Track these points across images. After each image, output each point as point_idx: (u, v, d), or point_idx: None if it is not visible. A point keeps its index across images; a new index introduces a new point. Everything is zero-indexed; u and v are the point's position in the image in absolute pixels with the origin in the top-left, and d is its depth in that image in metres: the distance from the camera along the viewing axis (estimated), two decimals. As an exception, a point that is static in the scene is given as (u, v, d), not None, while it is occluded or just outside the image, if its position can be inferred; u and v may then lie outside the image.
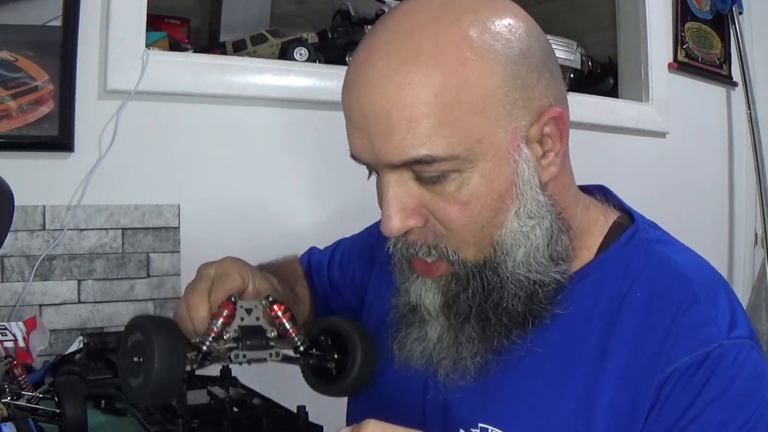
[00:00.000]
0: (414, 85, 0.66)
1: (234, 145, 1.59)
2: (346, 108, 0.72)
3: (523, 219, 0.71)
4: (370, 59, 0.69)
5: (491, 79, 0.67)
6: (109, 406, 1.01)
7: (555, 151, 0.73)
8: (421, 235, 0.72)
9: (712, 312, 0.70)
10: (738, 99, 2.39)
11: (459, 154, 0.67)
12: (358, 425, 0.59)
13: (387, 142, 0.68)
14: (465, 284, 0.73)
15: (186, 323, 0.77)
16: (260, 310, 0.76)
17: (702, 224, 2.26)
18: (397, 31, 0.69)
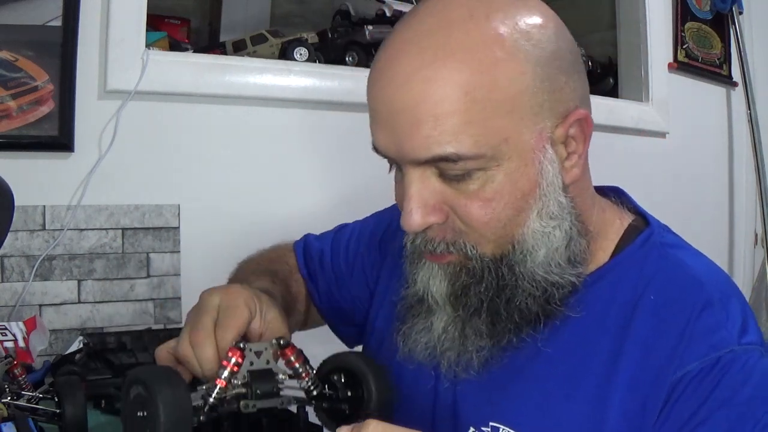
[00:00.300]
0: (444, 81, 0.66)
1: (234, 145, 1.59)
2: (372, 100, 0.71)
3: (544, 220, 0.71)
4: (400, 53, 0.68)
5: (521, 79, 0.67)
6: (109, 406, 1.01)
7: (578, 153, 0.73)
8: (441, 231, 0.72)
9: (725, 317, 0.71)
10: (738, 99, 2.39)
11: (485, 152, 0.67)
12: (359, 425, 0.59)
13: (413, 137, 0.67)
14: (479, 277, 0.72)
15: (191, 362, 0.73)
16: (270, 352, 0.73)
17: (702, 224, 2.26)
18: (429, 26, 0.68)
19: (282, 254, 1.05)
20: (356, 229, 1.04)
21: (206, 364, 0.72)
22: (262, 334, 0.77)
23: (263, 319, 0.77)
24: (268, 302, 0.79)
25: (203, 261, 1.53)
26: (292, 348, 0.73)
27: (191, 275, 1.53)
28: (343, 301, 1.01)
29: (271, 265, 1.01)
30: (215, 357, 0.71)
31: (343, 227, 1.07)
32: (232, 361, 0.70)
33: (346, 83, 1.66)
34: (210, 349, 0.72)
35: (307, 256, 1.04)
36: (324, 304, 1.02)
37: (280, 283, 0.96)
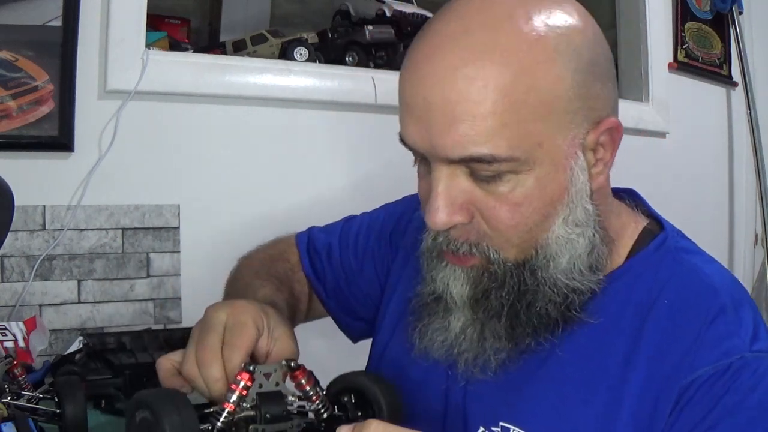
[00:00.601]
0: (485, 82, 0.65)
1: (234, 145, 1.59)
2: (406, 94, 0.70)
3: (570, 226, 0.71)
4: (440, 49, 0.67)
5: (559, 85, 0.67)
6: (109, 406, 1.01)
7: (605, 161, 0.73)
8: (464, 232, 0.71)
9: (737, 325, 0.71)
10: (738, 99, 2.39)
11: (519, 156, 0.67)
12: (360, 424, 0.59)
13: (448, 135, 0.67)
14: (501, 282, 0.72)
15: (196, 381, 0.71)
16: (280, 374, 0.70)
17: (702, 224, 2.26)
18: (469, 23, 0.67)
19: (283, 250, 1.04)
20: (365, 222, 1.03)
21: (213, 385, 0.70)
22: (270, 351, 0.75)
23: (271, 336, 0.75)
24: (276, 318, 0.78)
25: (203, 261, 1.53)
26: (303, 370, 0.71)
27: (191, 275, 1.53)
28: (352, 296, 1.00)
29: (273, 265, 1.00)
30: (222, 377, 0.70)
31: (350, 219, 1.06)
32: (240, 385, 0.68)
33: (346, 83, 1.66)
34: (217, 369, 0.70)
35: (312, 252, 1.03)
36: (331, 299, 1.01)
37: (284, 286, 0.95)
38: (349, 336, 1.05)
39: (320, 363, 0.84)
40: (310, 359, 0.78)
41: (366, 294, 0.99)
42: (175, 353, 0.75)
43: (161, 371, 0.75)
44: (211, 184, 1.56)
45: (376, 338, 0.95)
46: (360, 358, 1.00)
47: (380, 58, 1.83)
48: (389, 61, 1.84)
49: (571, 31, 0.68)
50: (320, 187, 1.66)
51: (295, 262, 1.03)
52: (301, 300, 0.99)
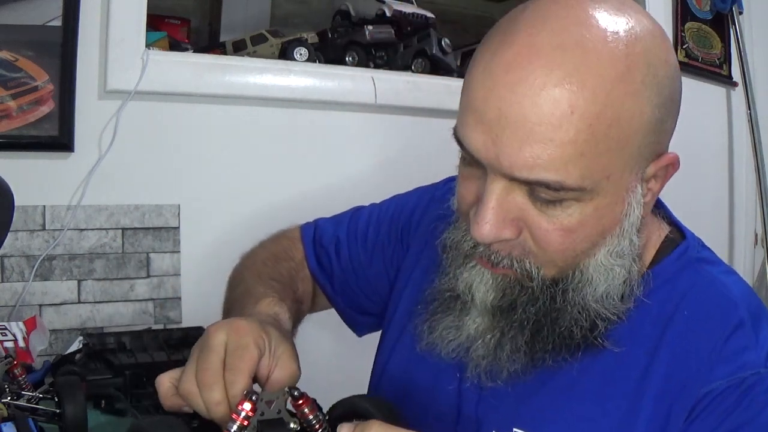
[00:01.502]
0: (572, 108, 0.62)
1: (234, 145, 1.59)
2: (476, 98, 0.66)
3: (613, 257, 0.70)
4: (528, 62, 0.63)
5: (640, 119, 0.65)
6: (109, 406, 1.01)
7: (654, 192, 0.72)
8: (508, 246, 0.69)
9: (754, 339, 0.70)
10: (738, 99, 2.39)
11: (587, 186, 0.65)
12: (362, 424, 0.59)
13: (518, 154, 0.63)
14: (534, 298, 0.71)
15: (195, 400, 0.70)
16: (282, 401, 0.69)
17: (702, 224, 2.25)
18: (563, 39, 0.63)
19: (287, 247, 1.03)
20: (374, 214, 1.01)
21: (214, 408, 0.68)
22: (272, 371, 0.74)
23: (272, 356, 0.74)
24: (277, 337, 0.76)
25: (203, 261, 1.53)
26: (306, 399, 0.69)
27: (191, 275, 1.53)
28: (360, 291, 1.00)
29: (277, 266, 0.98)
30: (224, 400, 0.68)
31: (358, 210, 1.04)
32: (242, 415, 0.65)
33: (346, 83, 1.66)
34: (219, 392, 0.68)
35: (318, 247, 1.02)
36: (338, 295, 1.01)
37: (288, 290, 0.94)
38: (355, 330, 1.04)
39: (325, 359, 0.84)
40: (315, 355, 0.77)
41: (374, 289, 0.98)
42: (175, 371, 0.73)
43: (161, 390, 0.73)
44: (211, 184, 1.56)
45: (385, 336, 0.95)
46: (365, 352, 1.00)
47: (380, 58, 1.83)
48: (389, 61, 1.84)
49: (658, 62, 0.66)
50: (320, 187, 1.66)
51: (299, 260, 1.01)
52: (305, 300, 0.98)
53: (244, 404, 0.65)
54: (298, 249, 1.02)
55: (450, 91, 1.72)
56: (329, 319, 1.05)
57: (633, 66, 0.64)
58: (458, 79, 1.79)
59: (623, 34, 0.65)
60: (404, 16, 1.85)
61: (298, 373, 0.75)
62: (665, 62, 0.67)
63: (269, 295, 0.90)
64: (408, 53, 1.83)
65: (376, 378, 0.93)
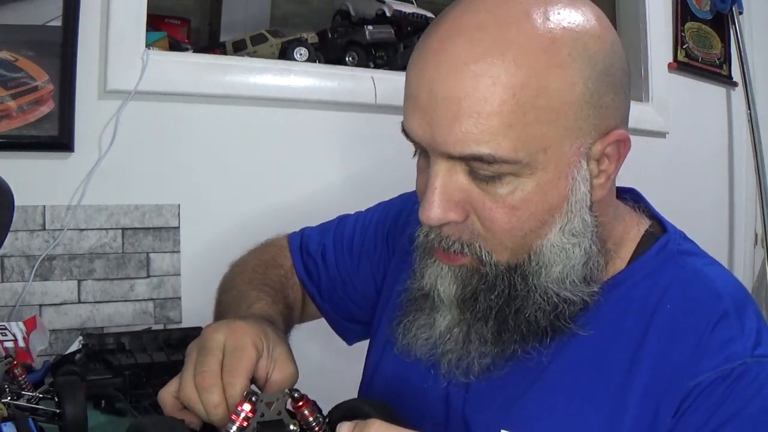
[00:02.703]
0: (493, 80, 0.64)
1: (234, 145, 1.59)
2: (412, 85, 0.68)
3: (566, 236, 0.70)
4: (449, 42, 0.66)
5: (570, 91, 0.65)
6: (109, 406, 1.01)
7: (608, 173, 0.71)
8: (457, 230, 0.70)
9: (740, 330, 0.70)
10: (738, 99, 2.39)
11: (522, 158, 0.65)
12: (362, 423, 0.59)
13: (450, 131, 0.65)
14: (491, 285, 0.71)
15: (196, 406, 0.69)
16: (282, 403, 0.68)
17: (702, 224, 2.26)
18: (483, 17, 0.66)
19: (276, 255, 1.03)
20: (360, 221, 1.02)
21: (213, 410, 0.68)
22: (270, 372, 0.74)
23: (270, 357, 0.74)
24: (275, 337, 0.76)
25: (203, 261, 1.53)
26: (306, 401, 0.69)
27: (191, 275, 1.53)
28: (348, 298, 0.99)
29: (267, 273, 0.98)
30: (223, 402, 0.68)
31: (344, 218, 1.04)
32: (241, 416, 0.65)
33: (346, 83, 1.66)
34: (217, 394, 0.68)
35: (306, 255, 1.02)
36: (326, 302, 1.01)
37: (279, 296, 0.94)
38: (345, 338, 1.04)
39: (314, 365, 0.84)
40: (304, 362, 0.77)
41: (362, 295, 0.98)
42: (173, 383, 0.73)
43: (166, 407, 0.73)
44: (211, 184, 1.56)
45: (374, 341, 0.95)
46: (354, 359, 1.00)
47: (380, 58, 1.83)
48: (389, 61, 1.84)
49: (588, 38, 0.67)
50: (320, 187, 1.66)
51: (288, 267, 1.02)
52: (295, 307, 0.98)
53: (244, 405, 0.65)
54: (286, 257, 1.03)
55: (450, 91, 1.71)
56: (317, 328, 1.05)
57: (558, 39, 0.65)
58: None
59: (549, 12, 0.66)
60: (404, 16, 1.85)
61: (296, 374, 0.75)
62: (598, 38, 0.67)
63: (262, 298, 0.90)
64: (408, 53, 1.82)
65: (366, 383, 0.93)
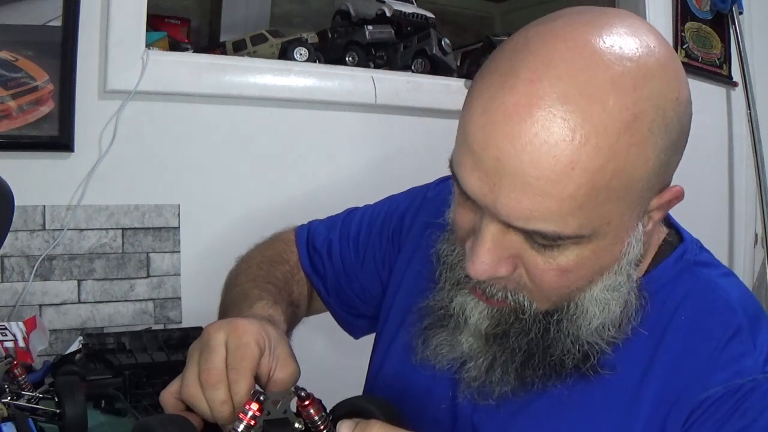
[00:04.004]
0: (573, 165, 0.60)
1: (234, 144, 1.59)
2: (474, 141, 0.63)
3: (610, 292, 0.69)
4: (529, 113, 0.60)
5: (644, 168, 0.62)
6: (109, 406, 1.01)
7: (654, 221, 0.70)
8: (503, 280, 0.68)
9: (752, 346, 0.70)
10: (738, 99, 2.39)
11: (585, 233, 0.63)
12: (363, 422, 0.59)
13: (516, 205, 0.62)
14: (527, 329, 0.70)
15: (200, 404, 0.69)
16: (288, 402, 0.68)
17: (702, 224, 2.26)
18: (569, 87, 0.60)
19: (281, 250, 1.03)
20: (367, 215, 1.01)
21: (219, 407, 0.68)
22: (272, 370, 0.74)
23: (273, 355, 0.73)
24: (277, 337, 0.75)
25: (203, 261, 1.53)
26: (312, 400, 0.68)
27: (191, 275, 1.53)
28: (353, 293, 0.99)
29: (272, 270, 0.98)
30: (229, 399, 0.68)
31: (351, 212, 1.04)
32: (249, 415, 0.64)
33: (346, 83, 1.66)
34: (223, 392, 0.68)
35: (311, 249, 1.02)
36: (332, 297, 1.01)
37: (283, 293, 0.94)
38: (350, 333, 1.04)
39: (319, 361, 0.84)
40: (308, 357, 0.78)
41: (367, 290, 0.98)
42: (174, 384, 0.72)
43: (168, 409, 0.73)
44: (210, 184, 1.56)
45: (379, 338, 0.95)
46: (359, 354, 1.00)
47: (380, 58, 1.83)
48: (389, 61, 1.84)
49: (667, 103, 0.63)
50: (320, 187, 1.66)
51: (294, 263, 1.01)
52: (301, 304, 0.98)
53: (252, 404, 0.65)
54: (292, 251, 1.02)
55: (450, 91, 1.72)
56: (322, 323, 1.05)
57: (641, 113, 0.61)
58: (458, 79, 1.79)
59: (632, 73, 0.61)
60: (404, 16, 1.85)
61: (298, 373, 0.75)
62: (675, 101, 0.64)
63: (264, 297, 0.90)
64: (408, 53, 1.83)
65: (371, 379, 0.93)
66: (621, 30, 0.63)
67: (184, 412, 0.72)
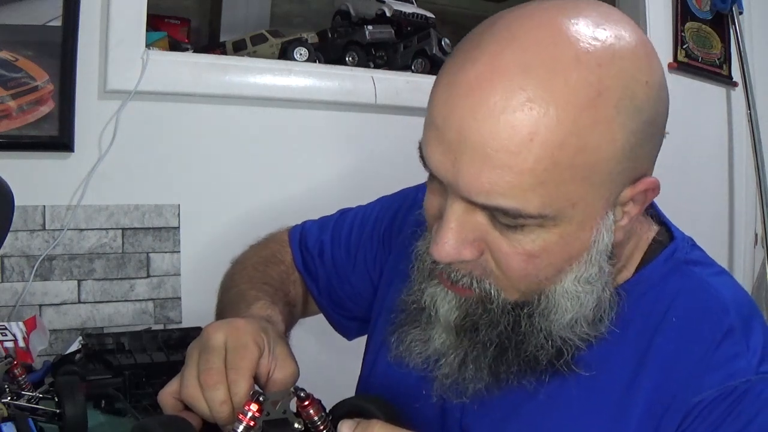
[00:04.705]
0: (532, 135, 0.59)
1: (234, 145, 1.59)
2: (438, 117, 0.63)
3: (581, 284, 0.67)
4: (490, 83, 0.60)
5: (610, 147, 0.61)
6: (108, 406, 1.01)
7: (631, 215, 0.68)
8: (469, 266, 0.67)
9: (745, 347, 0.69)
10: (738, 99, 2.39)
11: (548, 214, 0.62)
12: (364, 422, 0.59)
13: (477, 179, 0.61)
14: (495, 321, 0.69)
15: (199, 404, 0.69)
16: (287, 402, 0.68)
17: (702, 224, 2.26)
18: (529, 58, 0.59)
19: (276, 251, 1.02)
20: (359, 216, 1.00)
21: (218, 407, 0.67)
22: (271, 370, 0.74)
23: (272, 354, 0.73)
24: (275, 337, 0.75)
25: (203, 261, 1.53)
26: (312, 400, 0.69)
27: (191, 275, 1.53)
28: (345, 295, 0.99)
29: (268, 270, 0.98)
30: (228, 399, 0.68)
31: (344, 213, 1.03)
32: (248, 416, 0.64)
33: (346, 83, 1.66)
34: (223, 392, 0.67)
35: (304, 250, 1.01)
36: (324, 299, 1.00)
37: (279, 293, 0.94)
38: (344, 334, 1.04)
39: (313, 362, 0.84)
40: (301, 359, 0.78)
41: (358, 292, 0.98)
42: (173, 384, 0.72)
43: (166, 408, 0.72)
44: (210, 184, 1.56)
45: (370, 340, 0.95)
46: (351, 356, 1.00)
47: (380, 58, 1.83)
48: (389, 61, 1.84)
49: (636, 84, 0.62)
50: (320, 187, 1.66)
51: (289, 263, 1.01)
52: (297, 304, 0.98)
53: (251, 405, 0.65)
54: (287, 252, 1.02)
55: (450, 91, 1.71)
56: (315, 324, 1.05)
57: (606, 90, 0.60)
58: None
59: (599, 52, 0.60)
60: (404, 16, 1.85)
61: (297, 373, 0.75)
62: (645, 84, 0.62)
63: (261, 298, 0.89)
64: (408, 53, 1.83)
65: (363, 382, 0.93)
66: (592, 14, 0.63)
67: (183, 412, 0.72)
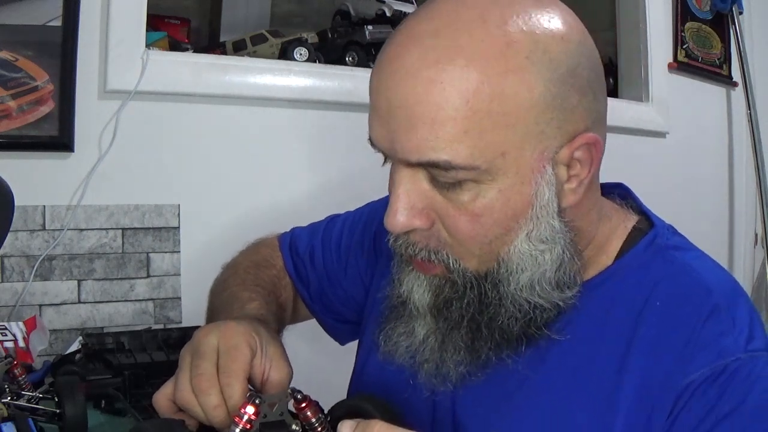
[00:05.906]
0: (445, 85, 0.63)
1: (234, 145, 1.59)
2: (372, 93, 0.68)
3: (534, 242, 0.68)
4: (404, 49, 0.65)
5: (529, 95, 0.64)
6: (108, 406, 1.01)
7: (581, 178, 0.70)
8: (424, 237, 0.70)
9: (731, 325, 0.69)
10: (738, 99, 2.39)
11: (479, 165, 0.64)
12: (364, 422, 0.59)
13: (407, 138, 0.65)
14: (461, 293, 0.70)
15: (193, 408, 0.69)
16: (284, 404, 0.68)
17: (702, 224, 2.26)
18: (437, 24, 0.65)
19: (267, 255, 1.03)
20: (348, 221, 1.01)
21: (212, 412, 0.68)
22: (265, 371, 0.74)
23: (265, 355, 0.74)
24: (268, 337, 0.76)
25: (203, 261, 1.53)
26: (309, 402, 0.69)
27: (191, 275, 1.53)
28: (336, 299, 0.99)
29: (259, 273, 0.98)
30: (222, 403, 0.68)
31: (333, 219, 1.04)
32: (244, 419, 0.64)
33: (346, 83, 1.66)
34: (215, 396, 0.68)
35: (295, 255, 1.02)
36: (316, 303, 1.00)
37: (271, 296, 0.94)
38: (336, 339, 1.04)
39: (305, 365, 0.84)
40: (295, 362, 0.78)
41: (350, 296, 0.98)
42: (168, 386, 0.72)
43: (161, 411, 0.73)
44: (210, 184, 1.56)
45: (361, 343, 0.95)
46: (343, 359, 0.99)
47: (380, 58, 1.83)
48: (389, 61, 1.84)
49: (549, 38, 0.65)
50: (321, 187, 1.66)
51: (280, 267, 1.01)
52: (287, 308, 0.98)
53: (247, 407, 0.65)
54: (278, 256, 1.02)
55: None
56: (307, 328, 1.04)
57: (514, 43, 0.64)
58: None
59: (507, 16, 0.65)
60: (404, 16, 1.85)
61: (292, 373, 0.75)
62: (561, 39, 0.66)
63: (255, 299, 0.90)
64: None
65: (354, 384, 0.93)
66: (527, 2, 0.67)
67: (178, 414, 0.72)
